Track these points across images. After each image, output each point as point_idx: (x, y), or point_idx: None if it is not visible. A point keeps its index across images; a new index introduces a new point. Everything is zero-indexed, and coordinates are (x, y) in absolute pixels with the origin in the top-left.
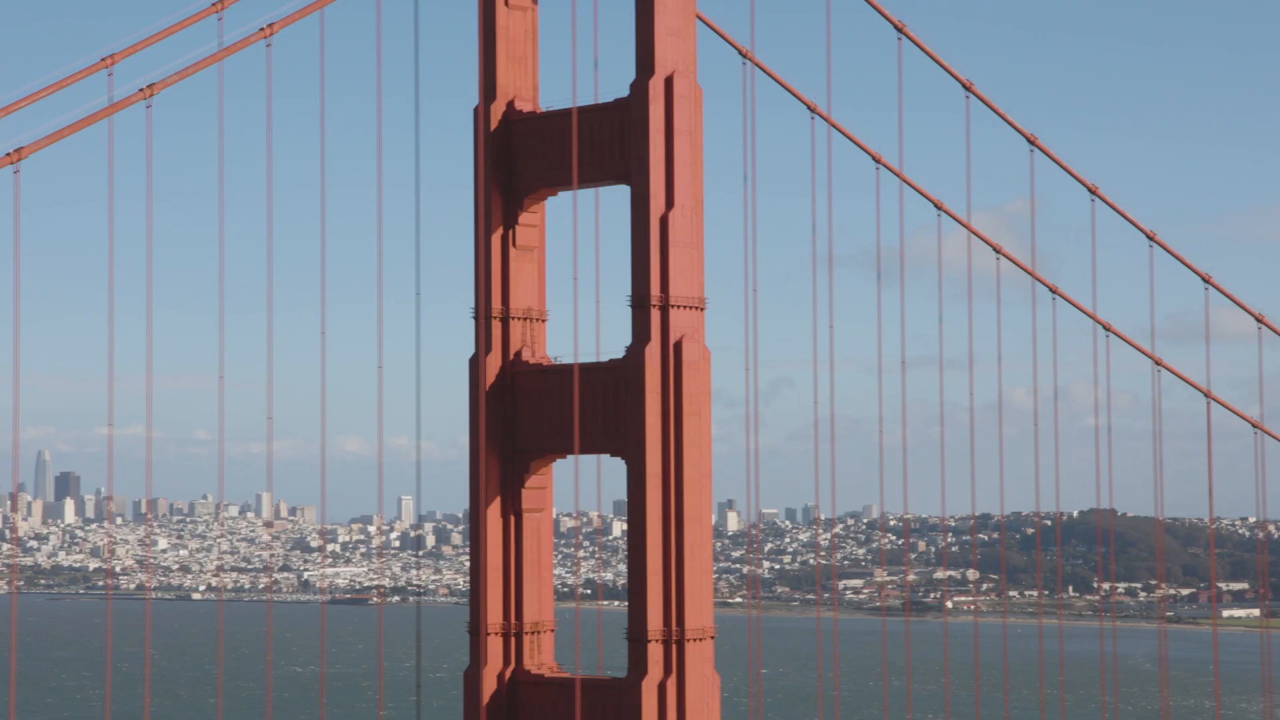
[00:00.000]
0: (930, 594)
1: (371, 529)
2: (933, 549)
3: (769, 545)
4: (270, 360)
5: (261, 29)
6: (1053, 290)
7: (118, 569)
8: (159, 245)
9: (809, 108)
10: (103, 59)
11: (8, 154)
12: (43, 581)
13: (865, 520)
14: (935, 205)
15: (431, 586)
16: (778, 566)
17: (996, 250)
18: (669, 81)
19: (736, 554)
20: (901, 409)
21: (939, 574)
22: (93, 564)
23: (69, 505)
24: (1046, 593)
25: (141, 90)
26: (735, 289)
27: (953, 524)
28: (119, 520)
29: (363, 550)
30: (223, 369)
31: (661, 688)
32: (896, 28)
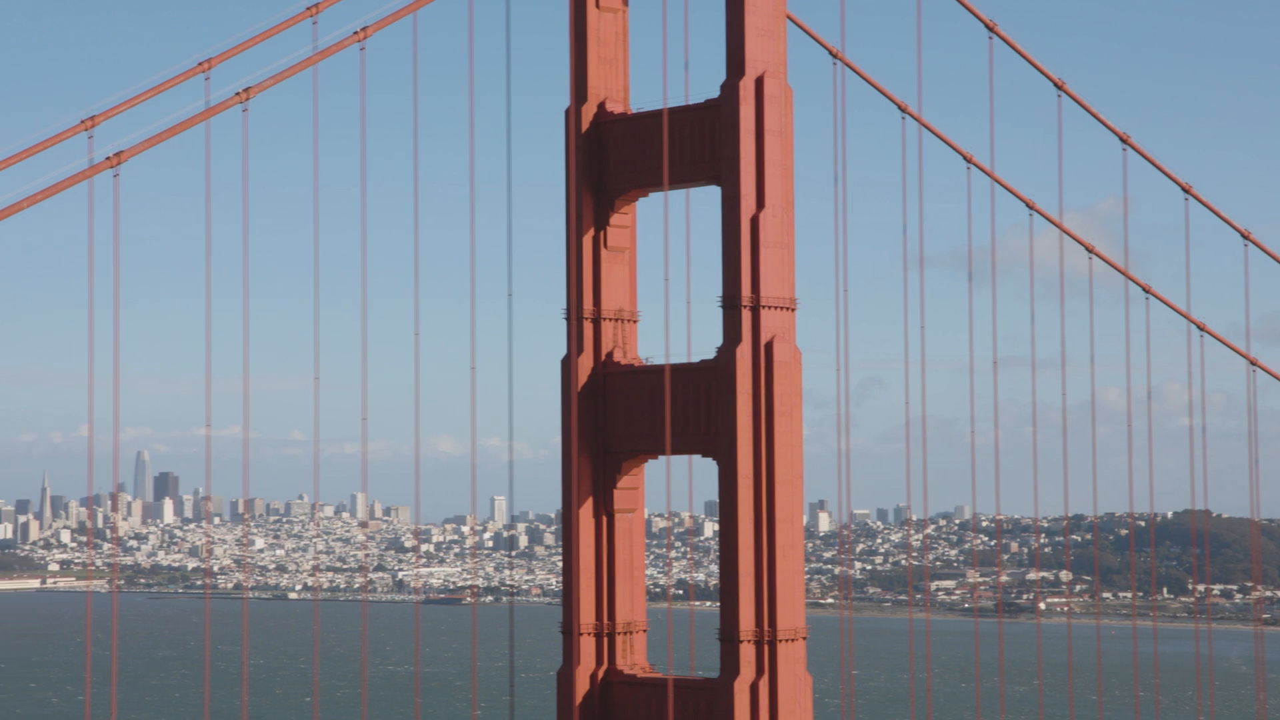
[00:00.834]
0: (1023, 595)
1: (465, 529)
2: (1025, 550)
3: (860, 546)
4: (364, 362)
5: (356, 32)
6: (1146, 290)
7: (215, 568)
8: (255, 247)
9: (899, 108)
10: (200, 63)
11: (107, 157)
12: (142, 581)
13: (957, 521)
14: (1027, 205)
15: (524, 586)
16: (869, 567)
17: (1089, 250)
18: (759, 82)
19: (828, 555)
20: (994, 409)
21: (1032, 575)
22: (191, 563)
23: (168, 505)
24: (1141, 594)
25: (238, 94)
26: (826, 290)
27: (1045, 525)
28: (216, 520)
29: (456, 550)
30: (318, 370)
31: (754, 688)
32: (988, 27)
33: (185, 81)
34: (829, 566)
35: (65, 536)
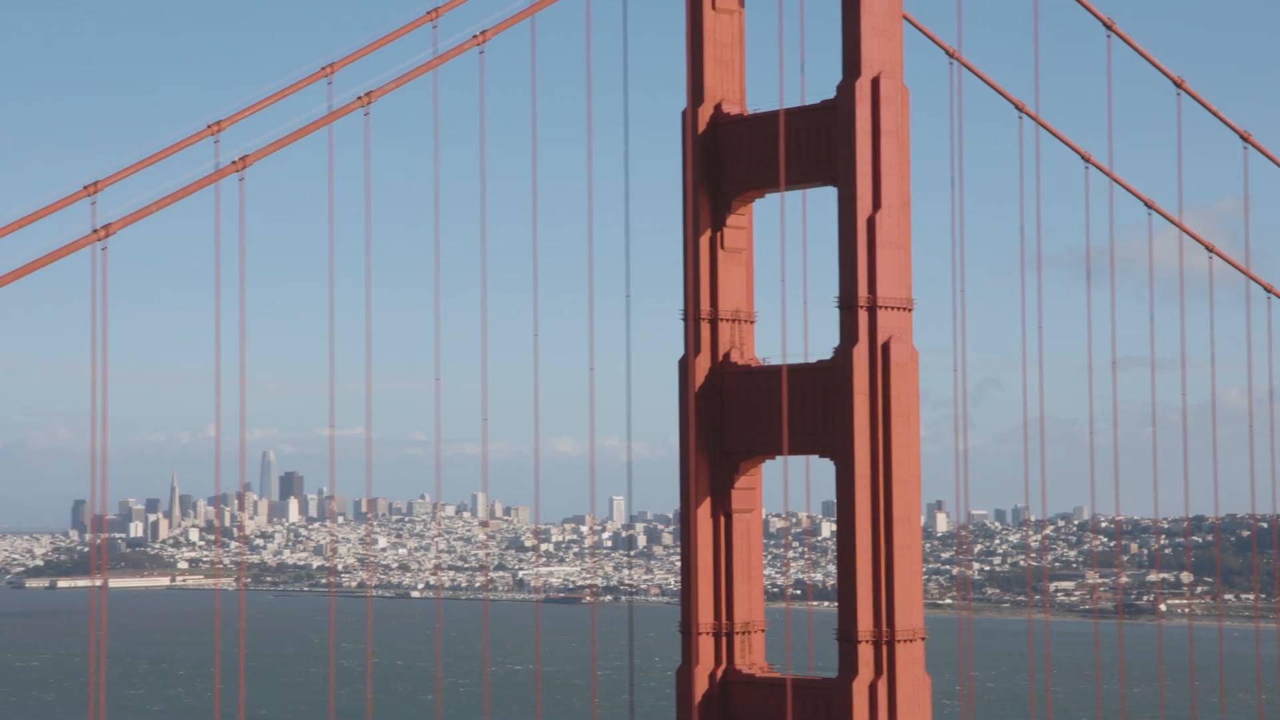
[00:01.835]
0: (1143, 597)
1: (584, 529)
2: (1145, 551)
3: (978, 546)
4: (485, 363)
5: (475, 36)
6: (1267, 289)
7: (340, 567)
8: (377, 250)
9: (1016, 107)
10: (323, 68)
11: (233, 162)
12: (269, 579)
13: (1076, 522)
14: (1146, 204)
15: (643, 586)
16: (987, 568)
17: (1209, 249)
18: (875, 82)
19: (946, 555)
20: (1113, 409)
21: (1152, 576)
22: (316, 562)
23: (293, 504)
24: (1263, 596)
25: (360, 98)
26: (943, 290)
27: (1166, 526)
28: (341, 519)
29: (575, 550)
30: (439, 371)
31: (872, 688)
32: (1105, 25)
33: (308, 86)
34: (947, 567)
35: (194, 535)
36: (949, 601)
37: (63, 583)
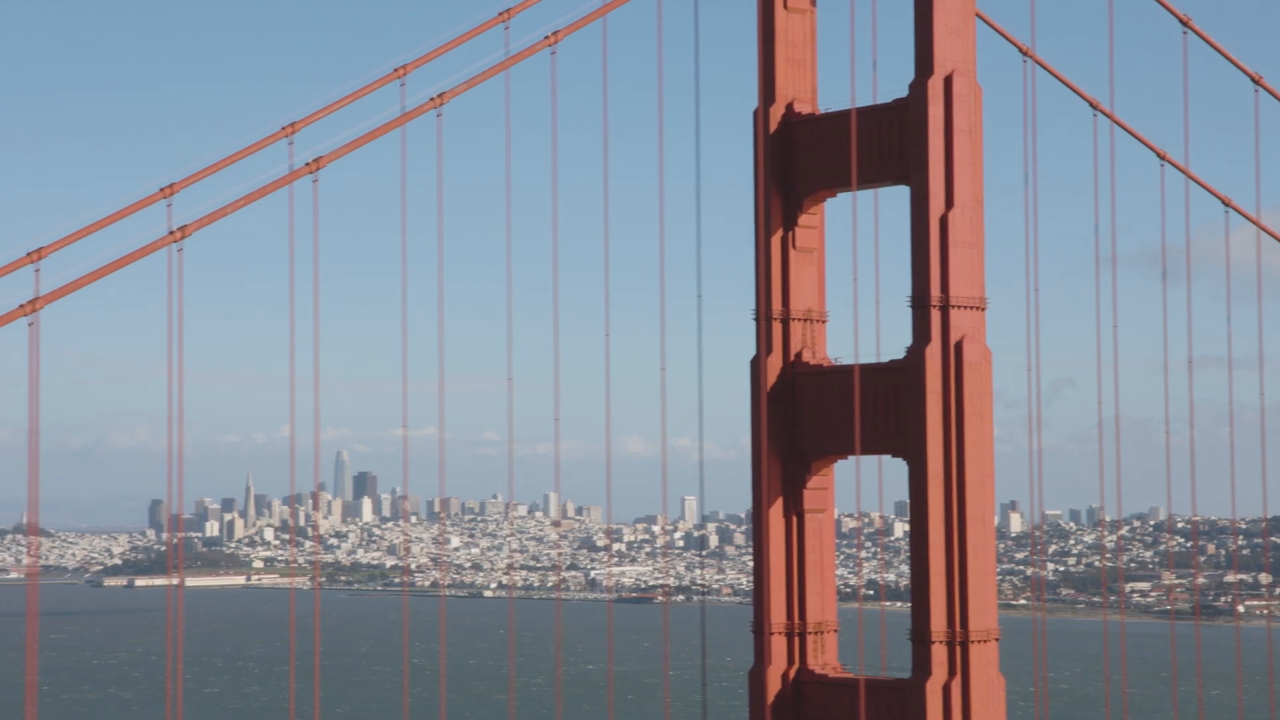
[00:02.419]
0: (1220, 598)
1: (656, 529)
2: (1223, 552)
3: (1053, 547)
4: (557, 363)
5: (546, 36)
6: None
7: (413, 566)
8: (449, 250)
9: (1091, 104)
10: (395, 70)
11: (306, 163)
12: (343, 578)
13: (1152, 522)
14: (1223, 202)
15: (715, 586)
16: (1062, 568)
17: None
18: (948, 81)
19: (1020, 556)
20: (1189, 409)
21: (1230, 577)
22: (389, 561)
23: (366, 504)
24: None
25: (432, 99)
26: (1015, 289)
27: (1243, 526)
28: (414, 519)
29: (647, 549)
30: (511, 371)
31: (946, 689)
32: (1181, 21)
33: (381, 88)
34: (1021, 567)
35: (269, 534)
36: (1023, 602)
37: (140, 581)
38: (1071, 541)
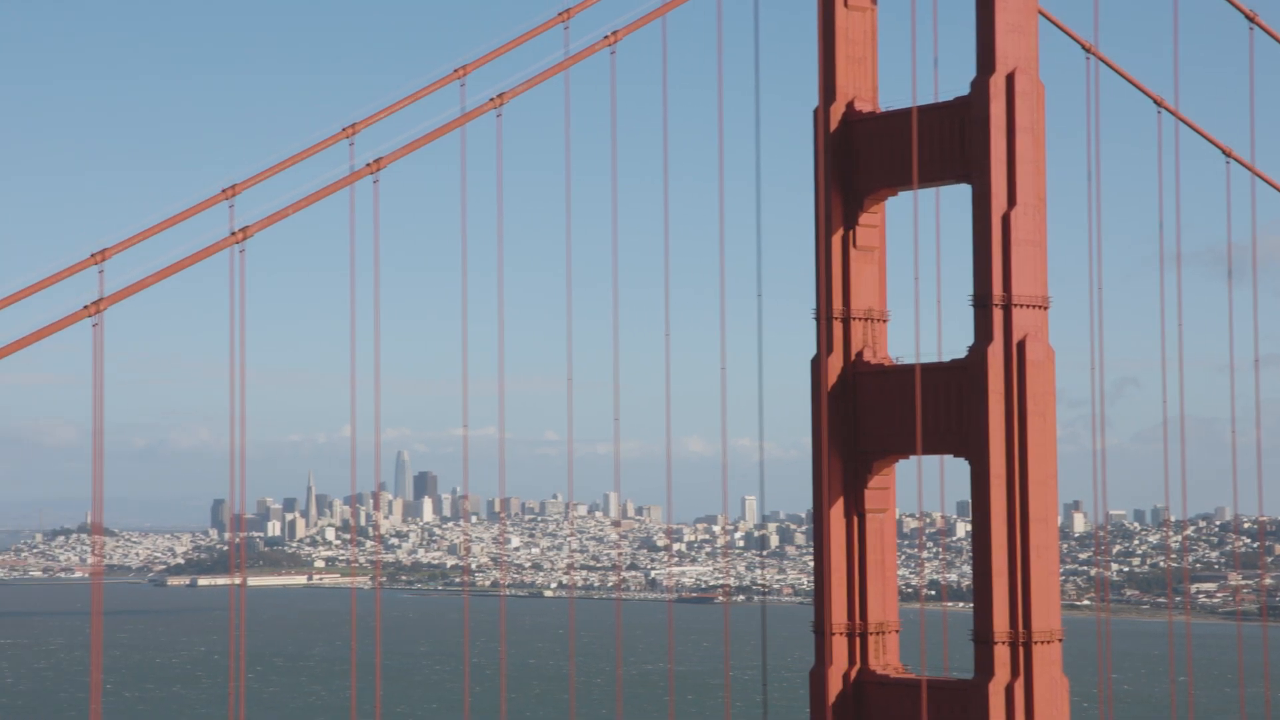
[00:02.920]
0: None
1: (716, 529)
2: None
3: (1117, 547)
4: (617, 363)
5: (606, 36)
6: None
7: (474, 566)
8: (509, 250)
9: (1155, 102)
10: (455, 70)
11: (367, 164)
12: (404, 578)
13: (1218, 522)
14: None
15: (775, 586)
16: (1126, 569)
17: None
18: (1010, 78)
19: (1083, 556)
20: (1255, 408)
21: None
22: (450, 561)
23: (427, 504)
24: None
25: (492, 99)
26: (1078, 287)
27: None
28: (474, 519)
29: (708, 549)
30: (571, 371)
31: (1009, 690)
32: (1248, 17)
33: (442, 88)
34: (1084, 568)
35: (330, 534)
36: (1087, 603)
37: (203, 581)
38: (1136, 542)
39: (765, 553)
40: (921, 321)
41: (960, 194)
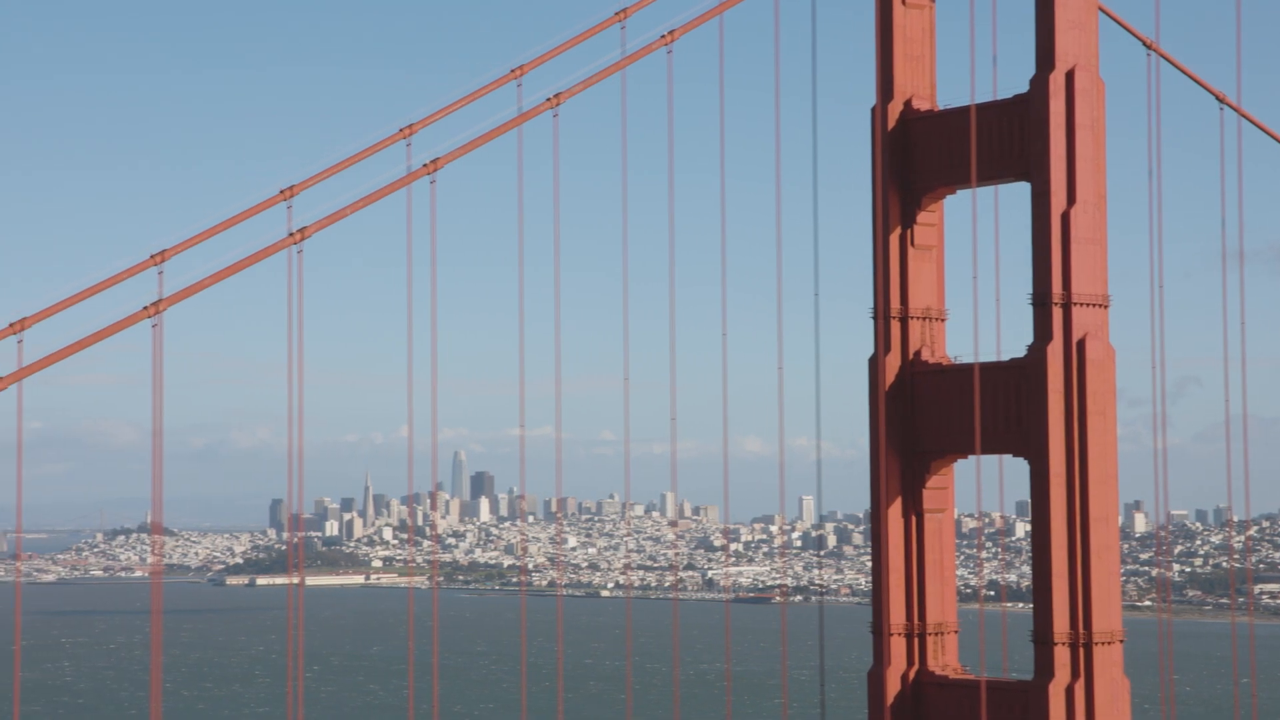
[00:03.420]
0: None
1: (773, 528)
2: None
3: (1179, 547)
4: (673, 363)
5: (663, 35)
6: None
7: (530, 566)
8: (565, 250)
9: (1217, 98)
10: (512, 70)
11: (424, 164)
12: (460, 577)
13: None
14: None
15: (833, 586)
16: (1188, 569)
17: None
18: (1070, 75)
19: (1144, 556)
20: None
21: None
22: (507, 561)
23: (484, 504)
24: None
25: (549, 99)
26: (1139, 285)
27: None
28: (531, 519)
29: (765, 549)
30: (628, 371)
31: (1069, 691)
32: None
33: (498, 88)
34: (1146, 568)
35: (387, 534)
36: (1148, 604)
37: (261, 580)
38: (1198, 542)
39: (823, 553)
40: (980, 320)
41: (1019, 192)
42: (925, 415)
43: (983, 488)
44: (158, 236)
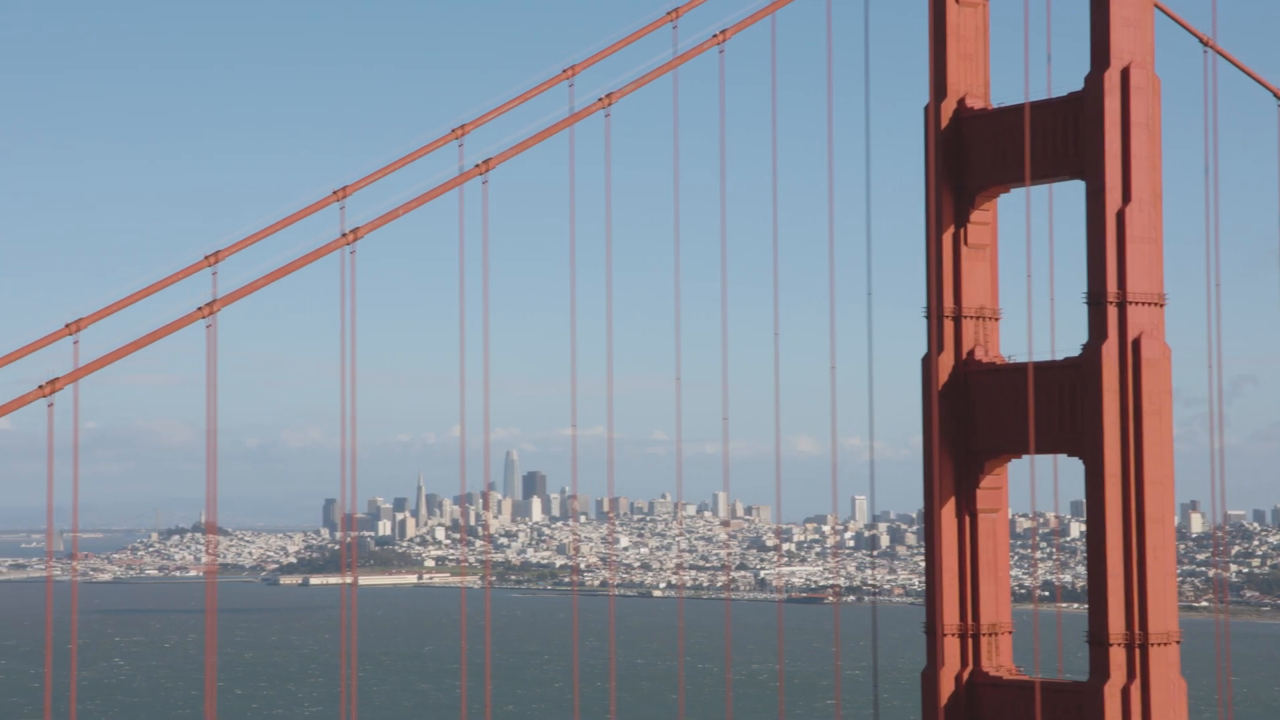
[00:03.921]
0: None
1: (826, 528)
2: None
3: (1236, 548)
4: (725, 362)
5: (714, 35)
6: None
7: (582, 566)
8: (616, 250)
9: (1275, 95)
10: (564, 70)
11: (476, 165)
12: (513, 577)
13: None
14: None
15: (886, 586)
16: (1245, 570)
17: None
18: (1125, 73)
19: (1201, 557)
20: None
21: None
22: (559, 560)
23: (536, 504)
24: None
25: (600, 100)
26: (1195, 284)
27: None
28: (583, 519)
29: (817, 549)
30: (680, 371)
31: (1125, 693)
32: None
33: (550, 88)
34: (1202, 569)
35: (440, 534)
36: (1205, 604)
37: (315, 579)
38: (1256, 542)
39: (876, 553)
40: (1034, 319)
41: (1074, 190)
42: (979, 415)
43: (1037, 487)
44: (212, 237)
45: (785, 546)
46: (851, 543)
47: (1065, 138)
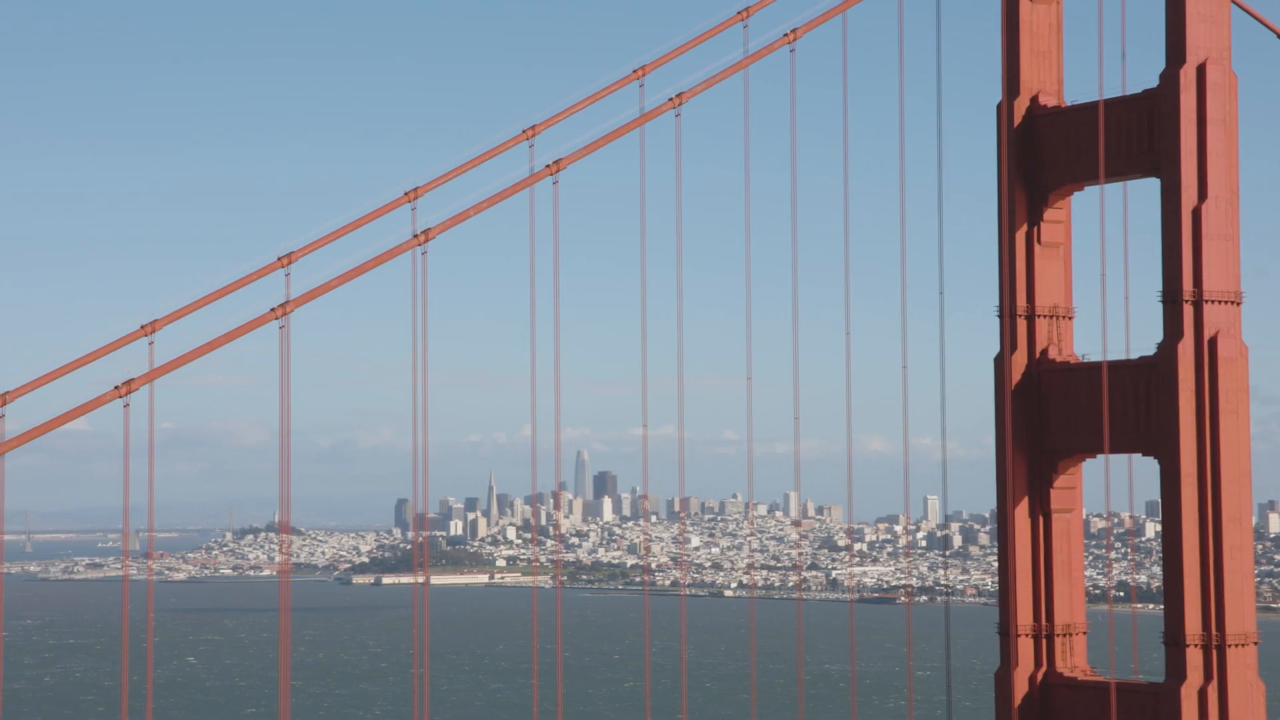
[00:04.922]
0: None
1: (898, 528)
2: None
3: None
4: (796, 362)
5: (785, 34)
6: None
7: (653, 565)
8: (687, 249)
9: None
10: (634, 70)
11: (547, 165)
12: (584, 577)
13: None
14: None
15: (959, 586)
16: None
17: None
18: (1201, 69)
19: (1279, 557)
20: None
21: None
22: (630, 560)
23: (607, 504)
24: None
25: (671, 99)
26: (1273, 282)
27: None
28: (654, 518)
29: (889, 549)
30: (750, 370)
31: (1202, 694)
32: None
33: (621, 89)
34: None
35: (511, 533)
36: None
37: (387, 579)
38: None
39: (948, 553)
40: (1109, 318)
41: (1148, 188)
42: (1052, 414)
43: (1111, 487)
44: (285, 239)
45: (857, 546)
46: (924, 543)
47: (1140, 135)
